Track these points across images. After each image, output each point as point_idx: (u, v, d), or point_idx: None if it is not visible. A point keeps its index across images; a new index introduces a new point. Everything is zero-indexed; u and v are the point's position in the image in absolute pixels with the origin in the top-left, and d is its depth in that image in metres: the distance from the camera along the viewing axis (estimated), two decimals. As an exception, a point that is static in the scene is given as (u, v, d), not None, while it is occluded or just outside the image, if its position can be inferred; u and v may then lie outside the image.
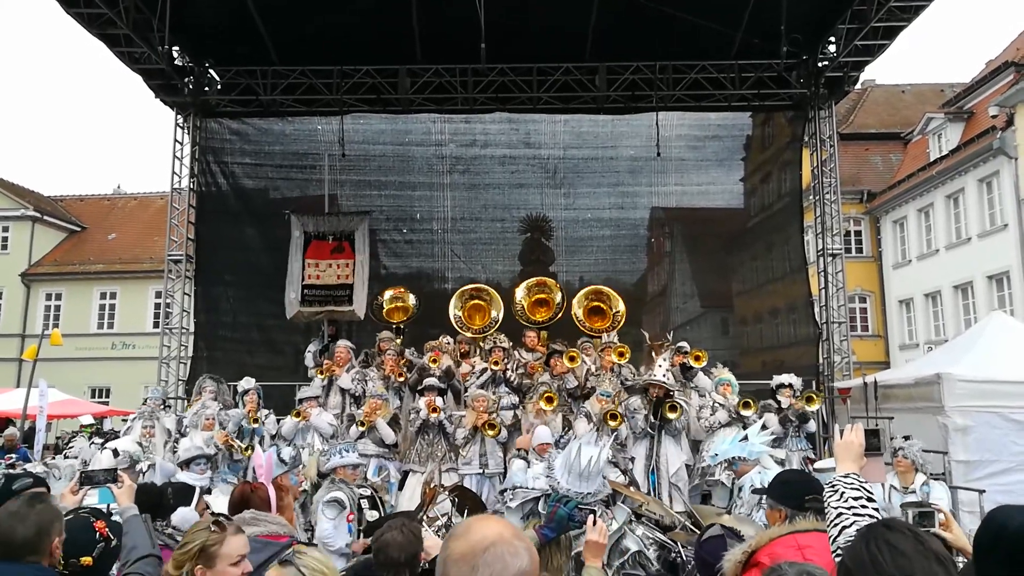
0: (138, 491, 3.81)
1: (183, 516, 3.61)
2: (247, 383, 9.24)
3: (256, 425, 8.69)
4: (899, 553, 1.55)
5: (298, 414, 8.55)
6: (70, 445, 12.16)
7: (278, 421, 8.93)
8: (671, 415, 7.54)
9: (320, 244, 11.24)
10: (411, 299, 11.33)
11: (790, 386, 8.79)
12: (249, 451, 8.01)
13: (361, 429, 8.20)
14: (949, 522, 2.43)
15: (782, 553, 1.93)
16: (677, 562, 5.12)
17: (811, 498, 3.03)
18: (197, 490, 4.08)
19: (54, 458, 12.28)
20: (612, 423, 7.70)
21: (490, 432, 7.80)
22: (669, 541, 5.25)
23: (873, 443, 2.20)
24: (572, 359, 8.73)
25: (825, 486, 2.10)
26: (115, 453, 7.85)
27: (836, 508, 1.98)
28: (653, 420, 7.68)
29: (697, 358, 8.69)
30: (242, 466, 7.95)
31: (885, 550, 1.57)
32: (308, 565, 2.30)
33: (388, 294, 11.46)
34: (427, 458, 8.14)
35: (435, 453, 8.13)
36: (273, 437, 8.67)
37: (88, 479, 3.43)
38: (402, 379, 8.98)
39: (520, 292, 10.90)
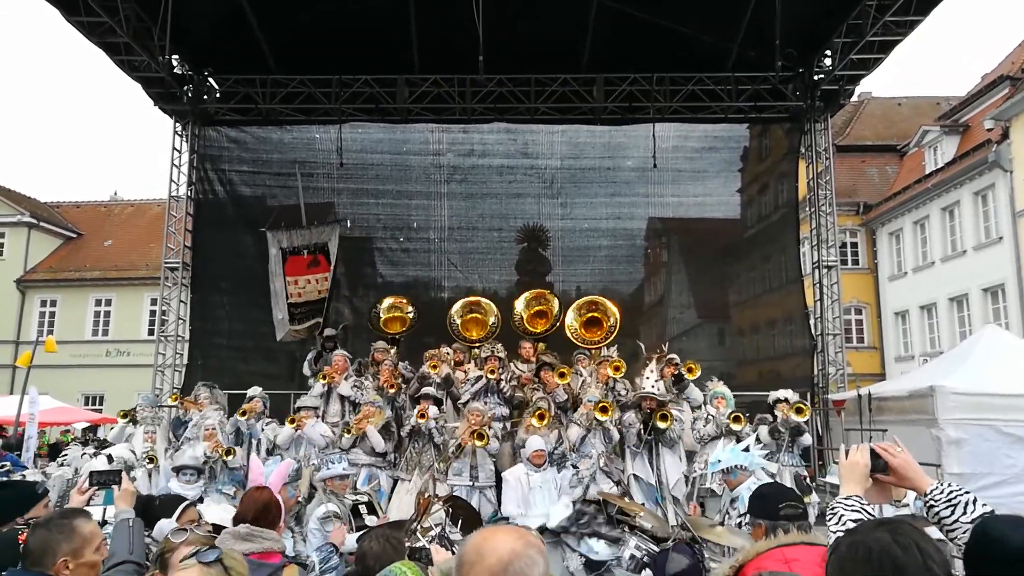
0: None
1: (161, 528, 3.57)
2: (253, 391, 9.24)
3: (229, 419, 8.69)
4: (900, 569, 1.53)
5: (292, 421, 8.52)
6: (64, 453, 12.10)
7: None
8: (662, 424, 7.50)
9: (296, 260, 11.28)
10: (410, 311, 11.24)
11: (786, 401, 8.74)
12: (232, 453, 7.97)
13: (351, 437, 8.18)
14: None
15: (769, 566, 1.92)
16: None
17: (786, 505, 3.04)
18: (185, 502, 4.03)
19: (48, 465, 12.23)
20: (603, 416, 7.69)
21: (478, 442, 7.78)
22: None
23: (879, 464, 2.12)
24: (562, 375, 8.70)
25: (937, 504, 2.00)
26: (109, 459, 7.81)
27: (835, 533, 1.91)
28: (645, 436, 7.65)
29: (690, 369, 8.69)
30: (242, 474, 7.89)
31: (886, 564, 1.55)
32: (234, 568, 2.30)
33: (387, 302, 11.36)
34: (415, 466, 8.11)
35: (423, 462, 8.10)
36: (274, 447, 8.62)
37: (96, 479, 3.44)
38: (394, 390, 8.95)
39: (520, 304, 10.86)
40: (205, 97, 12.59)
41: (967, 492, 2.03)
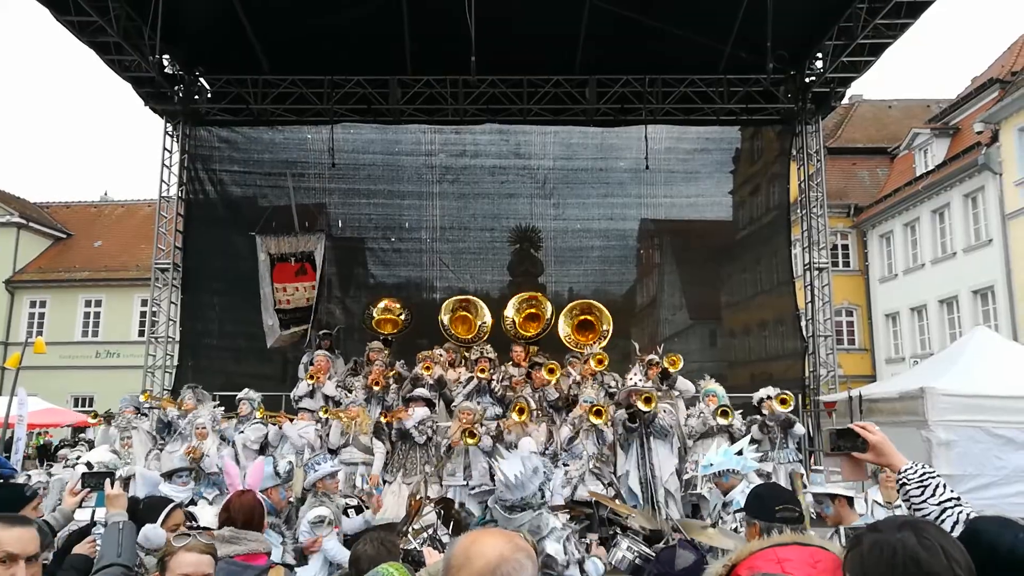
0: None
1: (145, 534, 3.52)
2: (244, 393, 9.20)
3: (224, 425, 8.65)
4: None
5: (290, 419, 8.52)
6: (66, 455, 12.01)
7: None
8: (645, 407, 7.57)
9: (284, 267, 11.40)
10: (403, 314, 11.23)
11: (770, 397, 8.79)
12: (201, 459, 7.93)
13: (343, 436, 8.15)
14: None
15: (762, 566, 1.92)
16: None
17: (781, 507, 3.04)
18: (169, 505, 3.95)
19: (51, 467, 12.13)
20: (597, 419, 7.71)
21: (470, 440, 7.77)
22: (653, 553, 5.23)
23: (858, 442, 2.17)
24: (551, 371, 8.70)
25: (909, 484, 2.09)
26: (88, 465, 7.75)
27: (936, 505, 2.01)
28: (630, 424, 7.70)
29: (673, 362, 8.73)
30: (221, 478, 7.85)
31: (911, 566, 1.54)
32: None
33: (380, 304, 11.35)
34: (399, 468, 8.09)
35: (406, 464, 8.08)
36: (265, 445, 8.60)
37: (88, 481, 3.40)
38: (378, 387, 8.93)
39: (510, 309, 10.85)
40: (196, 97, 12.52)
41: (938, 475, 2.10)
